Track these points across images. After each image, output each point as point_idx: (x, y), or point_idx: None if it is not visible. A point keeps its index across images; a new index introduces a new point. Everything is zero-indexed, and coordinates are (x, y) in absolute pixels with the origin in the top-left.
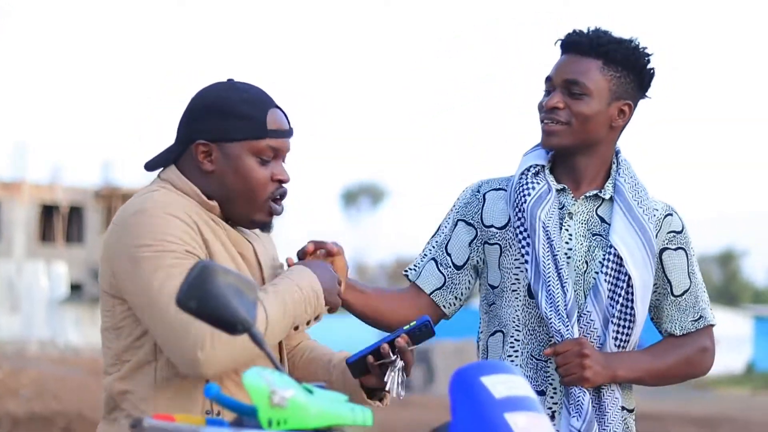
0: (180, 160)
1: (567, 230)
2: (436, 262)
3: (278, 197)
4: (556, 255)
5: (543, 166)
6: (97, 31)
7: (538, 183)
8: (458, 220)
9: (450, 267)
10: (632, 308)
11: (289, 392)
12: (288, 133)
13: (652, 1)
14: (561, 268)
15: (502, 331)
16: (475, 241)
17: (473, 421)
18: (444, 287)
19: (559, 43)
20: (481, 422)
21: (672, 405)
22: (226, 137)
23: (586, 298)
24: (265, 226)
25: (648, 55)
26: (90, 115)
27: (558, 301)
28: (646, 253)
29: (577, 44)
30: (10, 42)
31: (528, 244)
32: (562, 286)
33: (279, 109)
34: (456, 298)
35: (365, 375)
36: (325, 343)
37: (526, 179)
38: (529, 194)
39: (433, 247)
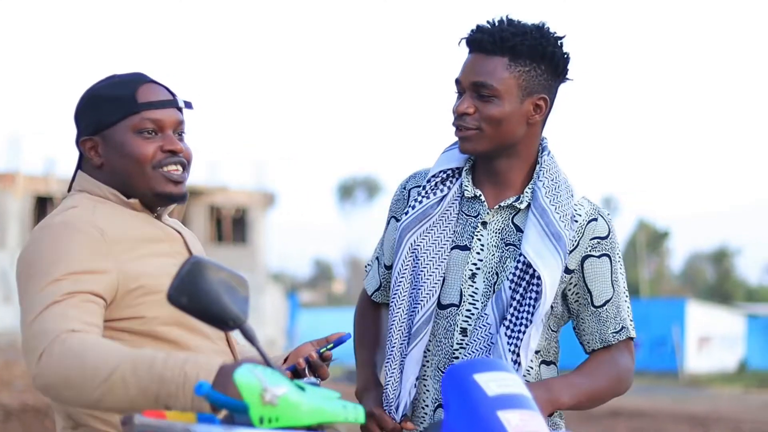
0: (83, 166)
1: (479, 240)
2: (378, 261)
3: (172, 166)
4: (417, 280)
5: (459, 170)
6: (92, 23)
7: (428, 195)
8: (391, 217)
9: (383, 267)
10: (530, 307)
11: (280, 390)
12: (167, 103)
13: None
14: (418, 290)
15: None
16: None
17: (466, 419)
18: (381, 288)
19: (464, 41)
20: (475, 420)
21: (664, 403)
22: (104, 124)
23: (487, 303)
24: (176, 198)
25: (558, 39)
26: None
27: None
28: (559, 257)
29: (480, 42)
30: (3, 33)
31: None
32: (411, 314)
33: (156, 83)
34: None
35: None
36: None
37: (426, 187)
38: (406, 212)
39: (379, 243)
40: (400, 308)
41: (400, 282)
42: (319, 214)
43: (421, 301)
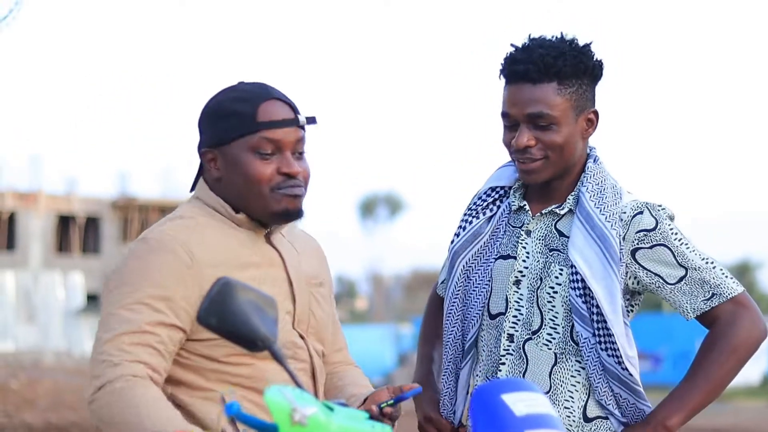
0: (204, 174)
1: (524, 248)
2: (449, 252)
3: (289, 191)
4: (470, 298)
5: (509, 188)
6: (113, 43)
7: (478, 215)
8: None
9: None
10: (605, 320)
11: (309, 410)
12: (288, 122)
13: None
14: (471, 307)
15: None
16: None
17: None
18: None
19: (503, 73)
20: None
21: None
22: (223, 139)
23: (544, 315)
24: (292, 214)
25: (589, 49)
26: (106, 126)
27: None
28: (608, 262)
29: (525, 73)
30: (25, 53)
31: (447, 280)
32: (464, 330)
33: (281, 100)
34: None
35: None
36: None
37: (477, 205)
38: (457, 234)
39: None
40: (455, 326)
41: (454, 302)
42: (341, 231)
43: (474, 317)
